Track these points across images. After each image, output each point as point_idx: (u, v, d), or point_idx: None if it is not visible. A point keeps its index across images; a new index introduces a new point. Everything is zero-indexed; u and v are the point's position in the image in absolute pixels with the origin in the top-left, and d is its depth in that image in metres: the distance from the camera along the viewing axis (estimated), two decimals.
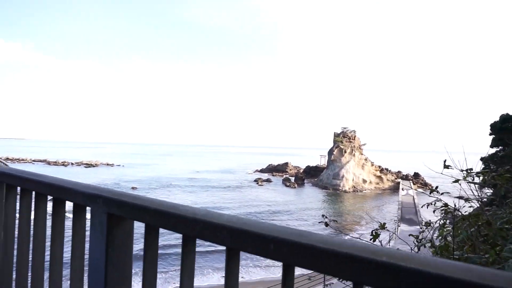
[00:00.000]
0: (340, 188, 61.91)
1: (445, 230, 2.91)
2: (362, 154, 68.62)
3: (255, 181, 67.67)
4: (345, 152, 66.69)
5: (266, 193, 55.18)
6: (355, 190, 62.41)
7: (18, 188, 1.65)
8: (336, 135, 69.42)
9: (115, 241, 1.18)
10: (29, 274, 1.53)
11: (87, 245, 1.33)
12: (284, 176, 73.23)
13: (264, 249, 0.79)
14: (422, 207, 3.23)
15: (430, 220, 3.44)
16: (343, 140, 68.06)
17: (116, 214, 1.16)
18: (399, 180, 65.62)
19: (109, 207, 1.16)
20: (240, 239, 0.85)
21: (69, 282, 1.32)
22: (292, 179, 70.17)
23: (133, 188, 49.66)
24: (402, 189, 53.63)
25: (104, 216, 1.17)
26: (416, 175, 69.23)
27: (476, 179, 3.35)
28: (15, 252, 1.65)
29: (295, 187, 63.38)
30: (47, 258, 1.46)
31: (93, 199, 1.21)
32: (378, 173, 67.96)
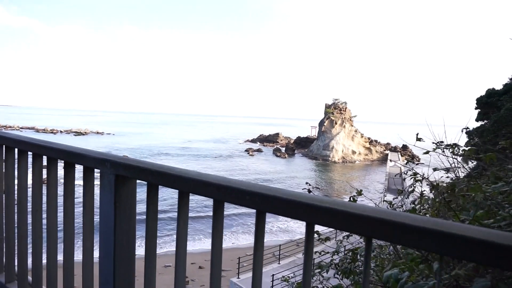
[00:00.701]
0: (329, 158, 62.88)
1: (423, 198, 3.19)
2: (352, 125, 69.23)
3: (246, 151, 68.18)
4: (336, 123, 67.19)
5: (256, 162, 55.85)
6: (344, 161, 63.48)
7: (29, 153, 1.87)
8: (327, 107, 69.57)
9: (122, 197, 1.41)
10: (44, 228, 1.77)
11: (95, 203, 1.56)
12: (275, 147, 73.81)
13: (241, 199, 1.04)
14: (395, 176, 3.52)
15: (403, 189, 3.72)
16: (334, 112, 68.34)
17: (122, 175, 1.39)
18: (388, 151, 66.79)
19: (116, 169, 1.39)
20: (224, 192, 1.09)
21: (82, 231, 1.57)
22: (283, 149, 70.82)
23: (124, 156, 49.74)
24: (390, 160, 54.64)
25: (112, 176, 1.39)
26: (405, 147, 70.40)
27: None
28: (29, 210, 1.89)
29: (285, 157, 64.15)
30: (60, 215, 1.69)
31: (102, 163, 1.44)
32: (367, 145, 68.93)
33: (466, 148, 3.69)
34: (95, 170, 1.54)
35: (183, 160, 53.37)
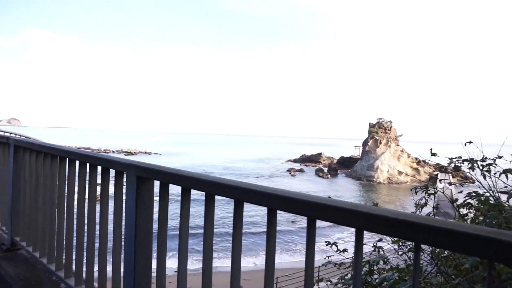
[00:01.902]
0: (374, 179, 60.84)
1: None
2: (398, 145, 66.80)
3: (287, 171, 67.98)
4: (380, 143, 65.24)
5: (298, 183, 55.45)
6: (390, 182, 61.11)
7: (77, 162, 2.32)
8: (371, 126, 67.94)
9: (142, 195, 1.78)
10: (110, 237, 2.14)
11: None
12: (317, 167, 72.90)
13: (294, 208, 1.20)
14: (411, 189, 3.63)
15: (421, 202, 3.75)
16: (378, 131, 66.54)
17: (142, 176, 1.76)
18: (437, 172, 63.41)
19: (138, 172, 1.77)
20: (278, 201, 1.22)
21: (112, 220, 1.97)
22: (325, 169, 69.74)
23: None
24: (440, 181, 51.73)
25: (134, 178, 1.77)
26: (457, 168, 66.44)
27: None
28: (75, 210, 2.33)
29: (328, 178, 63.07)
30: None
31: (127, 167, 1.83)
32: (414, 165, 65.98)
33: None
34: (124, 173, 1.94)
35: None
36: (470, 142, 3.35)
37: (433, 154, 3.46)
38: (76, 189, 2.38)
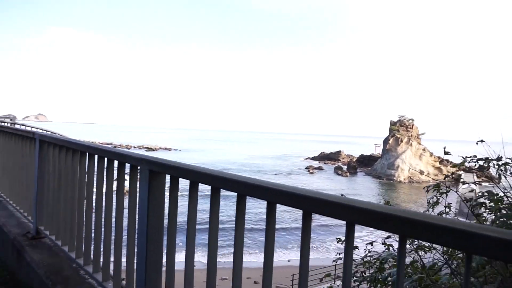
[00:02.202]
0: (394, 178, 59.78)
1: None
2: (420, 144, 65.35)
3: (306, 168, 67.66)
4: (402, 141, 63.97)
5: (316, 180, 55.14)
6: (410, 181, 59.89)
7: (96, 156, 2.46)
8: (393, 124, 66.68)
9: (154, 188, 1.89)
10: (103, 214, 2.31)
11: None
12: (336, 165, 72.22)
13: (331, 211, 1.16)
14: (424, 188, 3.62)
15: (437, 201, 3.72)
16: (399, 129, 65.24)
17: (154, 170, 1.87)
18: (461, 172, 61.67)
19: (150, 166, 1.88)
20: (313, 204, 1.20)
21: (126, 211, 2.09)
22: (345, 167, 69.03)
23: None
24: (463, 182, 50.30)
25: (147, 171, 1.89)
26: (481, 167, 64.51)
27: None
28: (94, 202, 2.47)
29: (347, 176, 62.43)
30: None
31: (141, 161, 1.94)
32: (437, 164, 64.38)
33: None
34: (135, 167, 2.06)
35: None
36: (482, 141, 3.32)
37: (446, 153, 3.45)
38: (95, 182, 2.53)
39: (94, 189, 2.54)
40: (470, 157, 3.50)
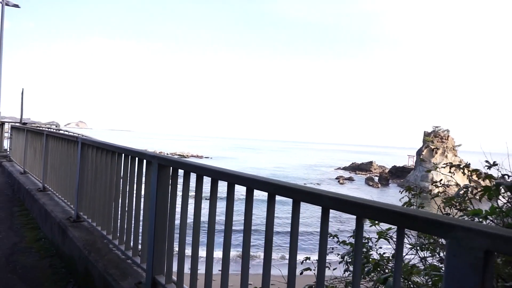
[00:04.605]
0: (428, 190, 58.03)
1: None
2: (456, 155, 63.09)
3: (336, 178, 67.03)
4: (436, 152, 62.08)
5: (346, 191, 54.42)
6: (445, 194, 57.84)
7: (123, 155, 3.18)
8: (426, 135, 64.90)
9: (161, 176, 2.57)
10: (126, 201, 3.02)
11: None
12: (368, 175, 71.04)
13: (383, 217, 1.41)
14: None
15: None
16: (434, 140, 63.43)
17: (162, 164, 2.55)
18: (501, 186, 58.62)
19: (159, 161, 2.56)
20: (366, 210, 1.27)
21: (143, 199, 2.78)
22: (376, 178, 67.76)
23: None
24: (503, 196, 47.94)
25: (157, 165, 2.57)
26: None
27: None
28: (120, 192, 3.18)
29: (378, 187, 61.27)
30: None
31: (153, 158, 2.63)
32: (474, 177, 61.80)
33: None
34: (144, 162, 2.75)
35: None
36: None
37: (490, 166, 3.64)
38: (121, 175, 3.25)
39: (121, 181, 3.26)
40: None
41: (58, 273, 3.64)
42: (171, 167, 2.53)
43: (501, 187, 2.63)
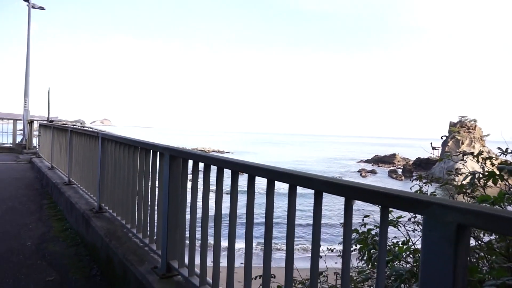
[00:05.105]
0: (454, 183, 56.49)
1: None
2: (484, 146, 61.06)
3: (358, 171, 66.23)
4: (463, 143, 60.32)
5: (368, 184, 53.78)
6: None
7: (139, 148, 3.34)
8: (452, 125, 63.13)
9: (173, 166, 2.71)
10: (143, 191, 3.18)
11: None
12: (391, 168, 69.83)
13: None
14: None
15: None
16: (460, 130, 61.62)
17: (173, 155, 2.69)
18: None
19: (171, 152, 2.70)
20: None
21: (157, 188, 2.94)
22: (400, 171, 66.52)
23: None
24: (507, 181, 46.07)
25: (168, 156, 2.71)
26: None
27: None
28: (137, 183, 3.34)
29: (401, 180, 60.07)
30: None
31: (165, 149, 2.77)
32: (489, 165, 59.63)
33: None
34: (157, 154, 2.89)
35: None
36: None
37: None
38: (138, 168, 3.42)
39: (138, 173, 3.43)
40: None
41: (82, 260, 3.87)
42: (181, 158, 2.67)
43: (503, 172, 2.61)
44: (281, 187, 1.89)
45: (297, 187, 1.69)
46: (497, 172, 2.80)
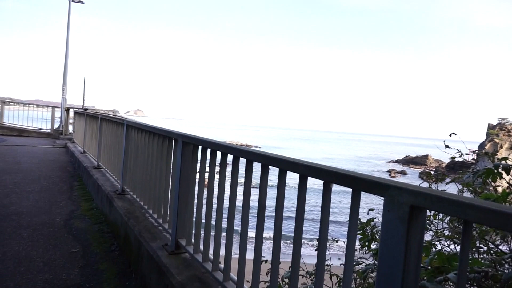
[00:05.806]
0: (491, 188, 54.00)
1: None
2: None
3: (387, 171, 64.72)
4: (501, 147, 57.44)
5: None
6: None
7: (157, 135, 3.57)
8: (491, 127, 60.25)
9: (185, 151, 2.91)
10: (158, 174, 3.41)
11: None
12: (422, 169, 67.67)
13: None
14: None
15: None
16: (499, 133, 58.70)
17: (185, 141, 2.89)
18: None
19: (184, 139, 2.90)
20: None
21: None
22: (432, 173, 64.30)
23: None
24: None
25: (181, 142, 2.91)
26: None
27: None
28: (155, 167, 3.58)
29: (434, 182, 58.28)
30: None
31: (179, 136, 2.98)
32: None
33: None
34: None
35: None
36: None
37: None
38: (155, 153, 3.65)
39: (155, 158, 3.67)
40: None
41: (104, 236, 4.19)
42: (192, 144, 2.86)
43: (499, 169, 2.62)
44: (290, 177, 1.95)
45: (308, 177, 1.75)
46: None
